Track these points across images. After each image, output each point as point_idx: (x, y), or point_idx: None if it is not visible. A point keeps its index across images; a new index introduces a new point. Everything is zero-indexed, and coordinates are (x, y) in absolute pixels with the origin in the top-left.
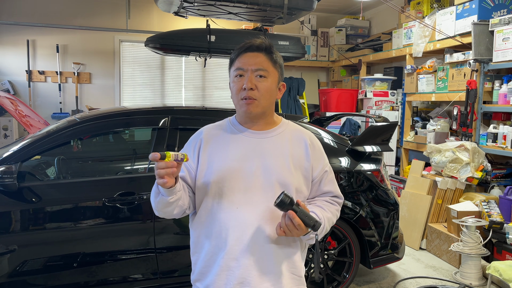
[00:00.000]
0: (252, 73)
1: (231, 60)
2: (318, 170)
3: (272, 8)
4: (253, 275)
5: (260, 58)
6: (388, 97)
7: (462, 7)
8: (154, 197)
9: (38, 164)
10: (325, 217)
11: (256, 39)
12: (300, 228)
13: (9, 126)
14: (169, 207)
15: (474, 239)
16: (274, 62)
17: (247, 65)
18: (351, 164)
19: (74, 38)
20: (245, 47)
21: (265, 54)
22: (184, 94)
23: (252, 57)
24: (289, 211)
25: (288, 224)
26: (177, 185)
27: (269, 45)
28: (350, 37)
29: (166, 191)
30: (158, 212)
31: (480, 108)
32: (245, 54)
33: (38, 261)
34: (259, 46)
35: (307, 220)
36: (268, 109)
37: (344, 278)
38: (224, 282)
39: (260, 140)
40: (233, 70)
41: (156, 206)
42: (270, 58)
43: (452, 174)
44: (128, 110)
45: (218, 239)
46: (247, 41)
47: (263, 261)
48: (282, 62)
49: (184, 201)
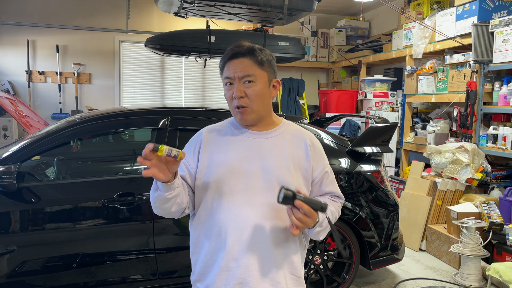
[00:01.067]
0: (239, 81)
1: (220, 68)
2: (318, 171)
3: (272, 9)
4: (253, 276)
5: (244, 63)
6: (388, 98)
7: (462, 8)
8: (153, 192)
9: (38, 164)
10: (329, 211)
11: (239, 43)
12: (311, 214)
13: (8, 127)
14: (167, 203)
15: (474, 241)
16: (260, 64)
17: (233, 72)
18: (351, 165)
19: (74, 38)
20: (228, 55)
21: (249, 58)
22: (184, 94)
23: (237, 64)
24: (295, 201)
25: (299, 216)
26: (176, 181)
27: (252, 48)
28: (350, 38)
29: (164, 186)
30: (156, 209)
31: (480, 109)
32: (230, 61)
33: (37, 262)
34: (242, 51)
35: (314, 205)
36: (264, 111)
37: (344, 279)
38: (223, 282)
39: (260, 141)
40: (223, 78)
41: (154, 203)
42: (255, 61)
43: (452, 175)
44: (128, 111)
45: (218, 239)
46: (231, 48)
47: (263, 261)
48: (271, 59)
49: (183, 199)
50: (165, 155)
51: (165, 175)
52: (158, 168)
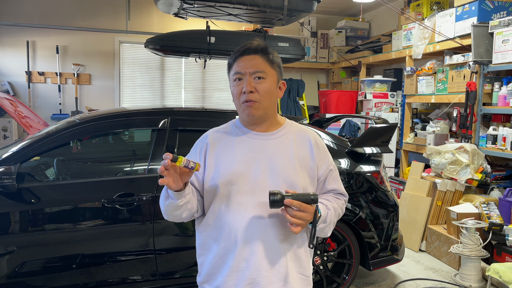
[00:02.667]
0: (251, 76)
1: (229, 64)
2: (323, 169)
3: (272, 9)
4: (263, 276)
5: (257, 60)
6: (387, 99)
7: (462, 9)
8: (164, 201)
9: (37, 165)
10: (332, 207)
11: (252, 41)
12: (304, 208)
13: (8, 127)
14: (178, 210)
15: (474, 241)
16: (271, 63)
17: (244, 68)
18: (350, 165)
19: (74, 39)
20: (241, 51)
21: (261, 56)
22: (184, 95)
23: (249, 60)
24: (285, 200)
25: (294, 213)
26: (186, 189)
27: (265, 46)
28: (350, 38)
29: (175, 194)
30: (167, 215)
31: (480, 110)
32: (242, 57)
33: (37, 263)
34: (255, 48)
35: (303, 198)
36: (270, 110)
37: (344, 279)
38: (234, 283)
39: (265, 142)
40: (232, 74)
41: (165, 210)
42: (267, 59)
43: (451, 176)
44: (128, 111)
45: (227, 240)
46: (243, 44)
47: (273, 261)
48: (280, 61)
49: (193, 205)
50: (182, 166)
51: (177, 185)
52: (173, 177)
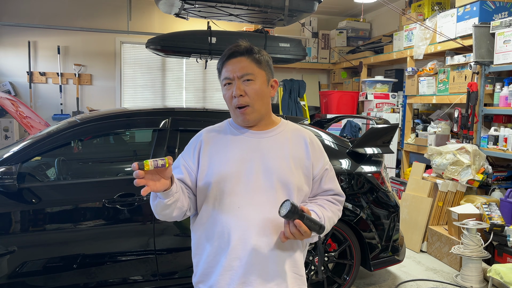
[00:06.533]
0: (239, 80)
1: (218, 70)
2: (319, 168)
3: (273, 10)
4: (256, 275)
5: (243, 62)
6: (389, 99)
7: (463, 9)
8: (152, 200)
9: (38, 165)
10: (326, 216)
11: (237, 43)
12: (306, 234)
13: (9, 127)
14: (167, 209)
15: (475, 242)
16: (258, 63)
17: (232, 72)
18: (351, 166)
19: (75, 39)
20: (227, 55)
21: (247, 57)
22: (185, 95)
23: (235, 63)
24: (295, 220)
25: (294, 232)
26: (173, 187)
27: (250, 47)
28: (351, 39)
29: (163, 194)
30: (158, 215)
31: (481, 110)
32: (228, 61)
33: (38, 263)
34: (240, 51)
35: (312, 226)
36: (264, 111)
37: (345, 280)
38: (227, 282)
39: (259, 140)
40: (221, 79)
41: (155, 209)
42: (253, 60)
43: (453, 176)
44: (129, 112)
45: (221, 239)
46: (229, 48)
47: (266, 261)
48: (268, 59)
49: (183, 203)
50: (153, 168)
51: (162, 185)
52: (152, 180)
